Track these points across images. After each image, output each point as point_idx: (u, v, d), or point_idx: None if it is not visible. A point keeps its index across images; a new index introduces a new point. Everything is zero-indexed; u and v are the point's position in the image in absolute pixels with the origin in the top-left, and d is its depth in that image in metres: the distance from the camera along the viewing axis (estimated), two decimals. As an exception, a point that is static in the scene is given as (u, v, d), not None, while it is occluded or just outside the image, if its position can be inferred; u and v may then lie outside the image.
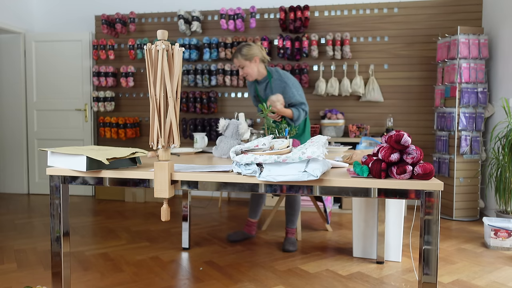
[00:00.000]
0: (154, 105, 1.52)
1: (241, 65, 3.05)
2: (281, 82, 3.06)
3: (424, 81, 4.62)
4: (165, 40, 1.51)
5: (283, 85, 3.05)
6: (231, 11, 4.70)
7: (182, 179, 1.58)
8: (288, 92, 3.04)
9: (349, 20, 4.74)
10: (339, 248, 3.19)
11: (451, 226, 3.85)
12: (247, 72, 3.07)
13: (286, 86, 3.05)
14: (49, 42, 5.23)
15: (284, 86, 3.05)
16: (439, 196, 1.41)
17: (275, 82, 3.08)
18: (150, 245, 3.23)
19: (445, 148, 4.20)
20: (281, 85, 3.06)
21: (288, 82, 3.05)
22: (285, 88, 3.04)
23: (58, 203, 1.70)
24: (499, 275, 2.65)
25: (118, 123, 5.06)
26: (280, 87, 3.06)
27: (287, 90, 3.04)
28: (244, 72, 3.08)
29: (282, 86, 3.05)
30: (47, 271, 2.67)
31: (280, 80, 3.07)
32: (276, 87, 3.08)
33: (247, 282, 2.51)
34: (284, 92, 3.04)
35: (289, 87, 3.04)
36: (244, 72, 3.08)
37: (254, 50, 3.03)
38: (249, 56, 3.02)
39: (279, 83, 3.07)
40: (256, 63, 3.06)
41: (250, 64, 3.04)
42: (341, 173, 1.58)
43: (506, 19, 3.97)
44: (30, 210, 4.44)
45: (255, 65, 3.06)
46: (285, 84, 3.05)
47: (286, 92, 3.04)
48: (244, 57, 3.02)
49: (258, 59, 3.07)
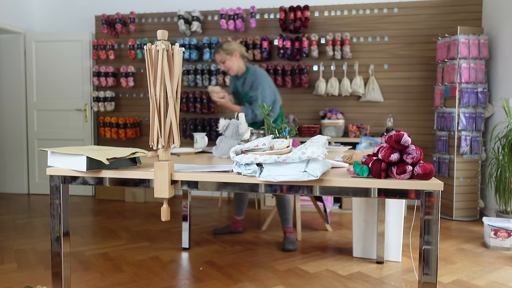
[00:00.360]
0: (154, 105, 1.52)
1: (222, 60, 3.19)
2: (253, 76, 3.20)
3: (424, 81, 4.62)
4: (165, 40, 1.51)
5: (253, 79, 3.20)
6: (231, 11, 4.71)
7: (182, 179, 1.58)
8: (254, 86, 3.19)
9: (349, 20, 4.74)
10: (339, 248, 3.19)
11: (451, 226, 3.85)
12: (228, 66, 3.21)
13: (255, 80, 3.19)
14: (49, 42, 5.23)
15: (254, 80, 3.20)
16: (439, 196, 1.41)
17: (249, 77, 3.23)
18: (150, 245, 3.23)
19: (445, 148, 4.20)
20: (252, 79, 3.20)
21: (259, 78, 3.20)
22: (254, 82, 3.19)
23: (58, 203, 1.70)
24: (499, 275, 2.65)
25: (118, 123, 5.07)
26: (251, 82, 3.21)
27: (255, 84, 3.19)
28: (225, 67, 3.22)
29: (253, 81, 3.20)
30: (47, 271, 2.67)
31: (253, 75, 3.21)
32: (248, 82, 3.23)
33: (247, 282, 2.51)
34: (252, 86, 3.19)
35: (257, 82, 3.19)
36: (225, 67, 3.22)
37: (233, 45, 3.22)
38: (229, 50, 3.18)
39: (252, 78, 3.21)
40: (236, 57, 3.22)
41: (231, 58, 3.20)
42: (341, 173, 1.58)
43: (506, 19, 3.97)
44: (30, 210, 4.44)
45: (236, 59, 3.22)
46: (255, 78, 3.20)
47: (254, 86, 3.19)
48: (225, 52, 3.18)
49: (238, 54, 3.23)
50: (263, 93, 3.16)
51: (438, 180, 1.62)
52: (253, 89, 3.18)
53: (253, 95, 3.17)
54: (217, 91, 3.08)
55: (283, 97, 4.93)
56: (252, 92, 3.18)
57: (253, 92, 3.17)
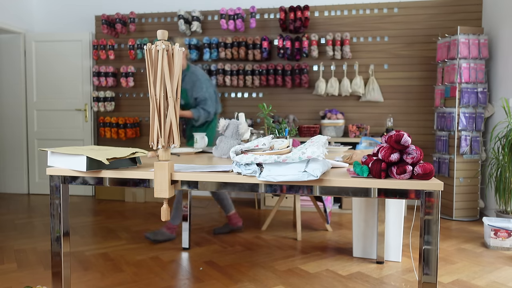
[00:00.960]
0: (154, 105, 1.52)
1: None
2: (194, 75, 3.27)
3: (424, 81, 4.62)
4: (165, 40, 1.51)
5: (194, 78, 3.27)
6: (231, 11, 4.71)
7: (182, 179, 1.58)
8: (197, 86, 3.25)
9: (349, 20, 4.74)
10: (339, 248, 3.19)
11: (451, 226, 3.85)
12: None
13: (197, 81, 3.25)
14: (49, 42, 5.23)
15: (195, 80, 3.26)
16: (439, 196, 1.41)
17: (189, 76, 3.29)
18: (150, 245, 3.23)
19: (445, 148, 4.20)
20: (193, 78, 3.27)
21: (199, 77, 3.28)
22: (196, 82, 3.25)
23: (58, 203, 1.70)
24: (499, 275, 2.65)
25: (118, 123, 5.07)
26: (191, 81, 3.27)
27: (197, 84, 3.25)
28: None
29: (193, 80, 3.26)
30: (47, 271, 2.67)
31: (194, 74, 3.28)
32: (188, 80, 3.28)
33: (247, 282, 2.51)
34: (194, 85, 3.25)
35: (199, 82, 3.25)
36: None
37: (184, 43, 3.34)
38: (181, 46, 3.23)
39: (192, 76, 3.28)
40: (184, 53, 3.28)
41: None
42: (341, 173, 1.58)
43: (506, 19, 3.97)
44: (30, 210, 4.44)
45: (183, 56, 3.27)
46: (196, 78, 3.27)
47: (196, 86, 3.25)
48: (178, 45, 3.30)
49: (186, 53, 3.37)
50: (208, 91, 3.27)
51: (438, 180, 1.62)
52: (196, 89, 3.25)
53: (199, 96, 3.25)
54: None
55: (283, 97, 4.93)
56: (197, 93, 3.25)
57: (199, 93, 3.25)
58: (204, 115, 3.28)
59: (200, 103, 3.28)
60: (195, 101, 3.30)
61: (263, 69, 4.76)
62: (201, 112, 3.27)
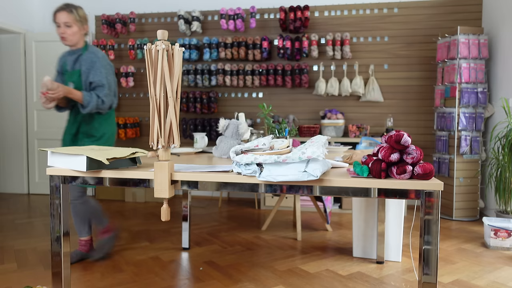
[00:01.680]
0: (154, 105, 1.52)
1: (69, 23, 2.64)
2: (94, 57, 2.71)
3: (424, 81, 4.63)
4: (165, 40, 1.51)
5: (95, 59, 2.70)
6: (231, 11, 4.71)
7: (182, 179, 1.58)
8: (96, 68, 2.69)
9: (349, 20, 4.74)
10: (339, 248, 3.19)
11: (451, 226, 3.85)
12: (70, 34, 2.66)
13: (97, 62, 2.69)
14: (49, 42, 5.23)
15: (95, 61, 2.69)
16: (439, 196, 1.41)
17: (88, 55, 2.71)
18: (150, 245, 3.23)
19: (445, 148, 4.20)
20: (92, 58, 2.70)
21: (100, 59, 2.72)
22: (95, 63, 2.69)
23: (58, 203, 1.70)
24: (499, 275, 2.65)
25: (118, 123, 5.06)
26: (90, 61, 2.70)
27: (96, 66, 2.69)
28: (66, 32, 2.65)
29: (93, 61, 2.69)
30: (47, 271, 2.67)
31: (94, 54, 2.72)
32: (86, 60, 2.70)
33: (247, 282, 2.51)
34: (92, 67, 2.69)
35: (100, 63, 2.70)
36: (66, 32, 2.65)
37: (87, 18, 2.79)
38: (83, 19, 2.72)
39: (91, 56, 2.70)
40: (84, 31, 2.75)
41: (80, 27, 2.70)
42: (341, 173, 1.58)
43: (506, 19, 3.97)
44: (30, 210, 4.44)
45: (82, 33, 2.74)
46: (96, 59, 2.70)
47: (94, 68, 2.69)
48: (79, 17, 2.69)
49: (87, 30, 2.78)
50: (107, 78, 2.71)
51: (438, 180, 1.62)
52: (94, 72, 2.68)
53: (96, 80, 2.67)
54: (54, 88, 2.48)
55: (283, 97, 4.93)
56: (94, 77, 2.67)
57: (96, 77, 2.67)
58: (96, 102, 2.63)
59: (95, 89, 2.68)
60: (89, 85, 2.70)
61: (263, 69, 4.76)
62: (93, 97, 2.63)
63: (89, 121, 2.77)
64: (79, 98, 2.60)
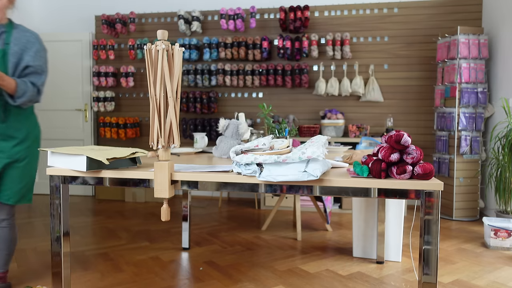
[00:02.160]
0: (154, 105, 1.52)
1: None
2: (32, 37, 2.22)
3: (424, 81, 4.62)
4: (165, 40, 1.51)
5: (33, 40, 2.21)
6: (231, 11, 4.71)
7: (182, 179, 1.58)
8: (37, 51, 2.20)
9: (349, 20, 4.74)
10: (339, 248, 3.19)
11: (451, 226, 3.85)
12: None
13: (37, 43, 2.22)
14: (49, 42, 5.23)
15: (34, 42, 2.21)
16: (439, 196, 1.41)
17: (19, 34, 2.21)
18: (150, 245, 3.23)
19: (445, 148, 4.20)
20: (30, 39, 2.21)
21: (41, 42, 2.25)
22: (34, 45, 2.21)
23: (58, 203, 1.70)
24: (499, 275, 2.65)
25: (118, 123, 5.07)
26: (26, 41, 2.20)
27: (35, 48, 2.20)
28: None
29: (30, 41, 2.21)
30: (47, 271, 2.67)
31: (31, 34, 2.24)
32: (19, 39, 2.19)
33: (247, 282, 2.51)
34: (29, 48, 2.19)
35: (40, 45, 2.24)
36: None
37: None
38: None
39: (28, 36, 2.22)
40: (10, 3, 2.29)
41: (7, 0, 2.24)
42: (341, 173, 1.58)
43: (506, 19, 3.97)
44: (30, 210, 4.44)
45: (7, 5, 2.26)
46: (36, 40, 2.22)
47: (32, 49, 2.19)
48: None
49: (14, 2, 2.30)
50: (46, 65, 2.25)
51: (438, 180, 1.62)
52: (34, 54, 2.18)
53: (35, 65, 2.17)
54: None
55: (283, 97, 4.93)
56: (35, 60, 2.18)
57: (36, 61, 2.18)
58: (32, 93, 2.14)
59: (30, 75, 2.17)
60: (22, 70, 2.17)
61: (263, 69, 4.76)
62: (28, 86, 2.12)
63: (5, 118, 2.15)
64: (11, 86, 2.04)
